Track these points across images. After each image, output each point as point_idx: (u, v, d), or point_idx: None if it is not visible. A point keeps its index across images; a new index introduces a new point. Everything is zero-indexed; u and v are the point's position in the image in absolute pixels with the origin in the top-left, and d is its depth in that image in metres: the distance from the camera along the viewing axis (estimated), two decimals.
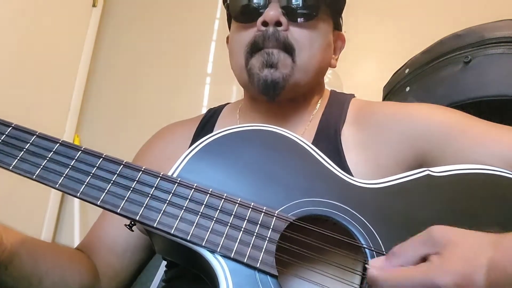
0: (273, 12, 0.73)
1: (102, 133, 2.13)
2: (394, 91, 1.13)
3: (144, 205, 0.56)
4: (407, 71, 1.10)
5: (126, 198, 0.56)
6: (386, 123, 0.73)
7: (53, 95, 1.97)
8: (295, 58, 0.74)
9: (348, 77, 1.81)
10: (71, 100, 2.10)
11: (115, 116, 2.17)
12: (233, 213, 0.56)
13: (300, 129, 0.78)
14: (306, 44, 0.75)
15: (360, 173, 0.67)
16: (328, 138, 0.74)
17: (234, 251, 0.54)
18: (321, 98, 0.83)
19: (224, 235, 0.55)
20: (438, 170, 0.61)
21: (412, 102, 0.96)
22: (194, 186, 0.58)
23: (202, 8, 2.22)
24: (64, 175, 0.57)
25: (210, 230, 0.55)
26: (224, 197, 0.57)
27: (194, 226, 0.55)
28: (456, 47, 0.99)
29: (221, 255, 0.54)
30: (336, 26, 0.84)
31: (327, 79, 1.61)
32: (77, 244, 0.81)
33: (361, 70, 1.94)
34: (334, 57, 0.85)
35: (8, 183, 1.57)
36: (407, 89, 1.06)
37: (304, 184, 0.60)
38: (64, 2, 2.01)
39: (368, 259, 0.54)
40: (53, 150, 0.58)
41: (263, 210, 0.57)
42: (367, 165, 0.70)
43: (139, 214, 0.55)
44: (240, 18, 0.78)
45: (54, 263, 0.70)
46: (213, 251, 0.54)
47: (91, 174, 0.57)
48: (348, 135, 0.74)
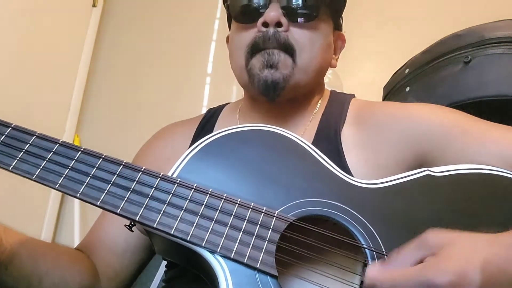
0: (274, 12, 0.73)
1: (102, 133, 2.13)
2: (394, 91, 1.13)
3: (144, 205, 0.56)
4: (407, 71, 1.10)
5: (126, 199, 0.56)
6: (386, 123, 0.73)
7: (53, 95, 1.97)
8: (295, 58, 0.74)
9: (348, 77, 1.81)
10: (71, 100, 2.09)
11: (115, 116, 2.17)
12: (233, 214, 0.56)
13: (300, 129, 0.78)
14: (306, 44, 0.75)
15: (360, 173, 0.67)
16: (328, 138, 0.74)
17: (234, 251, 0.54)
18: (321, 98, 0.83)
19: (224, 236, 0.55)
20: (438, 170, 0.61)
21: (412, 102, 0.97)
22: (194, 187, 0.58)
23: (202, 8, 2.22)
24: (64, 176, 0.57)
25: (210, 230, 0.55)
26: (224, 197, 0.57)
27: (194, 227, 0.55)
28: (456, 47, 0.99)
29: (221, 256, 0.54)
30: (336, 26, 0.84)
31: (327, 79, 1.61)
32: (77, 244, 0.81)
33: (361, 70, 1.93)
34: (334, 57, 0.85)
35: (8, 184, 1.57)
36: (407, 89, 1.06)
37: (304, 184, 0.60)
38: (64, 2, 2.01)
39: (368, 259, 0.54)
40: (53, 150, 0.58)
41: (263, 211, 0.57)
42: (367, 165, 0.70)
43: (139, 215, 0.55)
44: (240, 19, 0.78)
45: (54, 263, 0.70)
46: (213, 252, 0.54)
47: (91, 175, 0.57)
48: (348, 135, 0.74)
